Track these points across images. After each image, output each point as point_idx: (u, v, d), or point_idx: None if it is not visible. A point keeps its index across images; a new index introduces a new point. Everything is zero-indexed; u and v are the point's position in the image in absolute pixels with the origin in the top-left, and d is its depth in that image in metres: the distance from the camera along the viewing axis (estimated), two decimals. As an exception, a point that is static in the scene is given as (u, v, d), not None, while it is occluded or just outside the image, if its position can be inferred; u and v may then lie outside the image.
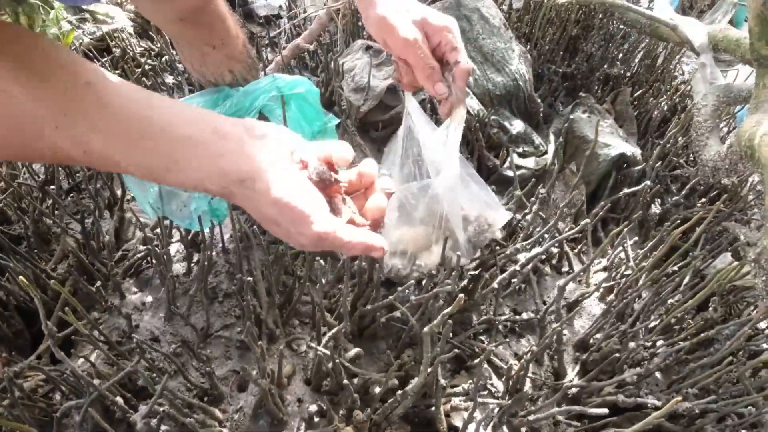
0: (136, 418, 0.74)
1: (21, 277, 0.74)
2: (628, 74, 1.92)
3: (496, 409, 0.98)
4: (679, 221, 1.30)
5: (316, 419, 0.97)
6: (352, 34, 1.63)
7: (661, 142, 1.49)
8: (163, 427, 0.90)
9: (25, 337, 1.15)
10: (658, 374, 1.17)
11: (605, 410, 0.81)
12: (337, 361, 0.91)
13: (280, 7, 2.08)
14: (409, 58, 0.77)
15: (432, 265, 1.03)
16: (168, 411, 0.83)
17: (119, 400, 0.86)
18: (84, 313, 0.92)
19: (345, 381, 0.89)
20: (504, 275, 1.02)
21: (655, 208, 1.53)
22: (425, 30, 0.78)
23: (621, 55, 1.93)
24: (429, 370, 0.82)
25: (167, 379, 0.79)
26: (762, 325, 1.31)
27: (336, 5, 1.38)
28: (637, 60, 1.97)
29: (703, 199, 1.50)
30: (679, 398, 0.64)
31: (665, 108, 1.80)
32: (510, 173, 1.37)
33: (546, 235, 1.18)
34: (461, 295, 0.62)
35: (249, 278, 0.92)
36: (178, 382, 1.01)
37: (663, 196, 1.55)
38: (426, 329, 0.70)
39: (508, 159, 1.37)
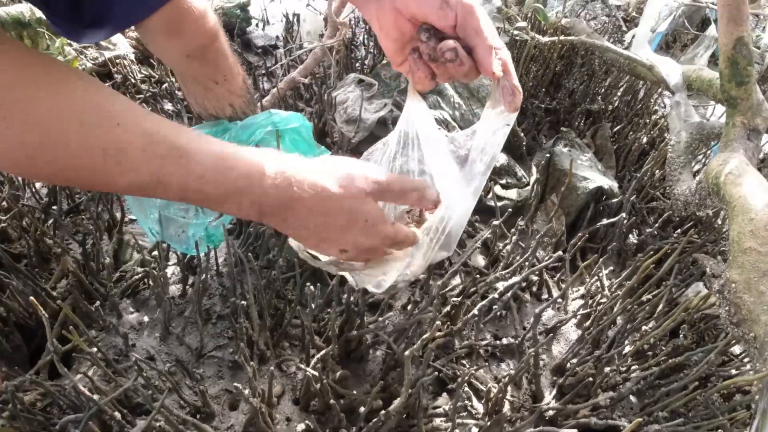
0: (138, 429, 0.79)
1: (32, 298, 0.79)
2: (610, 108, 2.00)
3: (476, 429, 1.03)
4: (653, 251, 1.36)
5: (304, 437, 1.01)
6: (345, 67, 1.70)
7: (638, 175, 1.56)
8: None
9: (23, 352, 1.19)
10: (632, 398, 1.22)
11: (575, 430, 0.87)
12: (324, 381, 0.96)
13: (277, 37, 2.16)
14: (469, 26, 0.63)
15: (418, 272, 0.97)
16: (164, 427, 0.87)
17: (117, 415, 0.91)
18: (85, 330, 0.96)
19: (332, 401, 0.94)
20: (484, 302, 1.08)
21: (633, 238, 1.60)
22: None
23: (602, 90, 2.01)
24: (411, 391, 0.87)
25: (165, 396, 0.83)
26: (736, 350, 1.37)
27: (331, 42, 1.46)
28: (618, 95, 2.06)
29: (679, 230, 1.57)
30: (639, 420, 0.70)
31: (644, 141, 1.88)
32: (493, 203, 1.43)
33: (525, 263, 1.24)
34: (438, 322, 0.68)
35: (243, 302, 0.97)
36: (172, 399, 1.05)
37: (640, 227, 1.62)
38: (407, 352, 0.75)
39: (491, 190, 1.44)
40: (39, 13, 1.75)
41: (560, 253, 1.12)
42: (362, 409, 0.93)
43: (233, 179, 0.60)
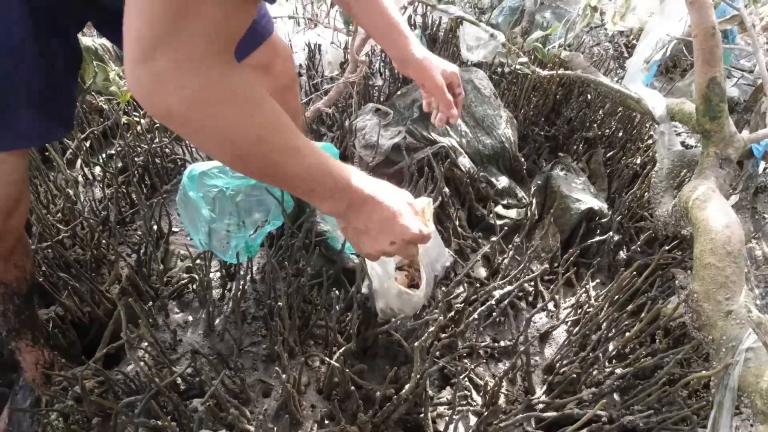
0: (197, 405, 0.97)
1: (115, 296, 0.97)
2: (607, 132, 2.18)
3: (474, 418, 1.20)
4: (637, 267, 1.53)
5: (327, 421, 1.19)
6: (363, 97, 1.89)
7: (626, 198, 1.74)
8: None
9: (77, 347, 1.37)
10: (616, 396, 1.38)
11: (555, 413, 1.04)
12: (346, 372, 1.14)
13: (300, 65, 2.36)
14: (436, 94, 1.17)
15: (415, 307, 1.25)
16: (211, 406, 1.05)
17: (174, 396, 1.09)
18: (148, 326, 1.15)
19: (352, 388, 1.12)
20: (483, 308, 1.25)
21: (623, 254, 1.76)
22: (443, 74, 1.16)
23: (599, 118, 2.19)
24: (419, 380, 1.04)
25: (219, 380, 1.01)
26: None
27: (352, 77, 1.65)
28: (614, 121, 2.23)
29: (666, 247, 1.74)
30: (604, 401, 0.87)
31: (637, 162, 2.05)
32: (493, 222, 1.61)
33: (520, 275, 1.42)
34: (440, 318, 0.85)
35: (280, 303, 1.15)
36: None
37: (628, 245, 1.79)
38: (416, 344, 0.93)
39: (493, 210, 1.62)
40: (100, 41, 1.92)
41: (545, 266, 1.29)
42: (378, 394, 1.10)
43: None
